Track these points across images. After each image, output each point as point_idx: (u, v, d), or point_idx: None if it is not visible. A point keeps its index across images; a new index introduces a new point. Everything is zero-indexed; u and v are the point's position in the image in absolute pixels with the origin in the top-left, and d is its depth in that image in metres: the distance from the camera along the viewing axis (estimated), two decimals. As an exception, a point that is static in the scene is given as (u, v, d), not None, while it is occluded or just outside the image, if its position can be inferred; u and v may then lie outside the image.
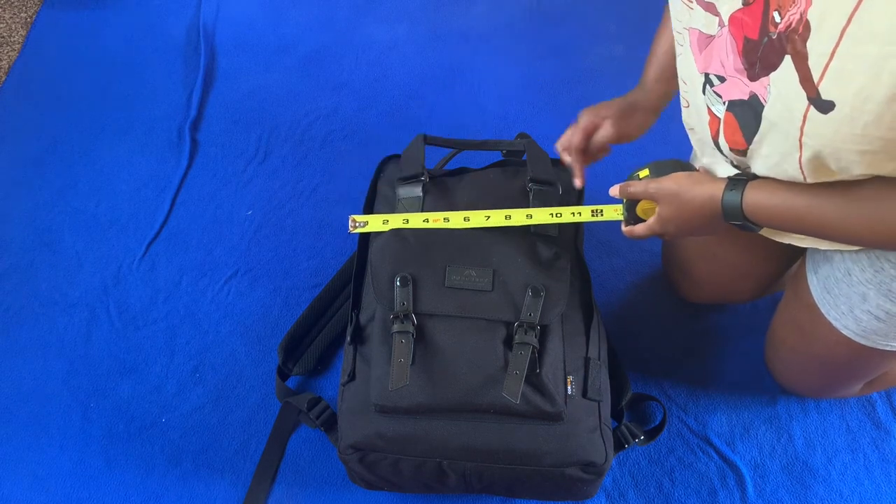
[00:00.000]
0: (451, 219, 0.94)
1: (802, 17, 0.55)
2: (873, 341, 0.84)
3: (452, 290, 0.88)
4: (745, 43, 0.63)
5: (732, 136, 0.72)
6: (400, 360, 0.83)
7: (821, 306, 0.87)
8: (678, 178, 0.79)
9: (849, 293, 0.82)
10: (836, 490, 1.02)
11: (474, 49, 1.57)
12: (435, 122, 1.44)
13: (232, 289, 1.22)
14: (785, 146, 0.64)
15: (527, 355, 0.84)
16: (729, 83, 0.68)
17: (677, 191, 0.78)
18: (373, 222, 0.96)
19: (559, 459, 0.83)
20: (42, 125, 1.45)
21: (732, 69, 0.66)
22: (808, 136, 0.60)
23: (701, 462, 1.04)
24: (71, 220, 1.31)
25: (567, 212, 0.94)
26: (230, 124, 1.45)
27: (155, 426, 1.08)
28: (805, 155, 0.62)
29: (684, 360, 1.14)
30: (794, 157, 0.64)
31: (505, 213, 0.93)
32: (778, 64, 0.59)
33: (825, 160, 0.61)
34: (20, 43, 1.60)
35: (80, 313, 1.20)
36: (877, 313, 0.80)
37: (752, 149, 0.70)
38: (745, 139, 0.70)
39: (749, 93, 0.65)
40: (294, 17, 1.64)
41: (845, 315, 0.84)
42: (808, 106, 0.57)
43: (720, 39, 0.67)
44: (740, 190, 0.73)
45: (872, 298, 0.80)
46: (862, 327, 0.83)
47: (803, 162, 0.64)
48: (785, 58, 0.58)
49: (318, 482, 1.03)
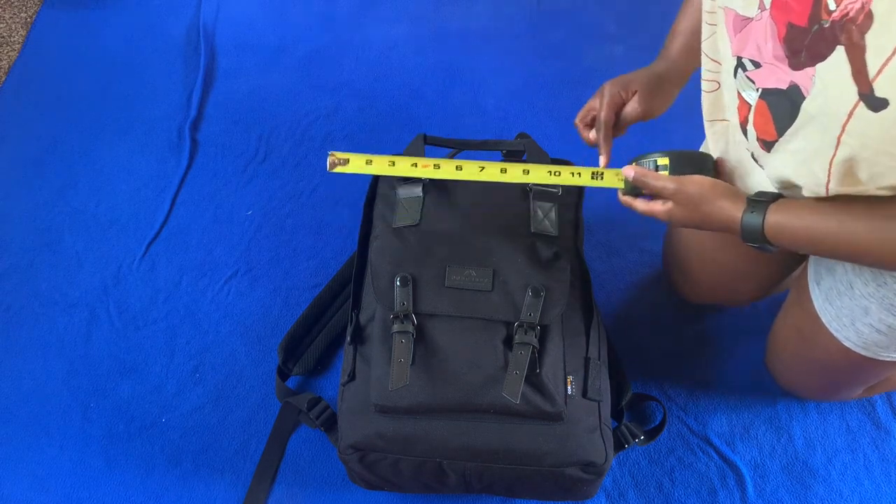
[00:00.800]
0: (441, 166, 0.88)
1: (865, 8, 0.51)
2: (874, 352, 0.84)
3: (452, 290, 0.88)
4: (789, 29, 0.59)
5: (763, 125, 0.68)
6: (400, 360, 0.83)
7: (822, 317, 0.87)
8: (702, 185, 0.75)
9: (851, 306, 0.82)
10: (836, 490, 1.02)
11: (474, 49, 1.57)
12: (435, 122, 1.44)
13: (232, 289, 1.22)
14: (820, 143, 0.61)
15: (527, 355, 0.84)
16: (765, 70, 0.64)
17: (699, 200, 0.75)
18: (354, 161, 0.89)
19: (559, 459, 0.83)
20: (42, 125, 1.45)
21: (771, 56, 0.62)
22: (849, 134, 0.57)
23: (701, 462, 1.04)
24: (71, 220, 1.31)
25: (566, 171, 0.88)
26: (230, 124, 1.45)
27: (155, 426, 1.08)
28: (840, 154, 0.59)
29: (684, 360, 1.14)
30: (826, 155, 0.61)
31: (500, 167, 0.88)
32: (827, 54, 0.56)
33: (859, 164, 0.59)
34: (20, 43, 1.60)
35: (80, 313, 1.20)
36: (878, 326, 0.80)
37: (782, 141, 0.66)
38: (776, 130, 0.66)
39: (789, 82, 0.61)
40: (294, 17, 1.64)
41: (847, 327, 0.84)
42: (858, 102, 0.54)
43: (759, 23, 0.63)
44: (761, 213, 0.70)
45: (874, 312, 0.79)
46: (863, 339, 0.83)
47: (835, 162, 0.60)
48: (837, 49, 0.54)
49: (318, 482, 1.03)
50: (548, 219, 0.97)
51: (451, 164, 0.88)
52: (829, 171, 0.62)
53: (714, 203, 0.74)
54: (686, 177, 0.77)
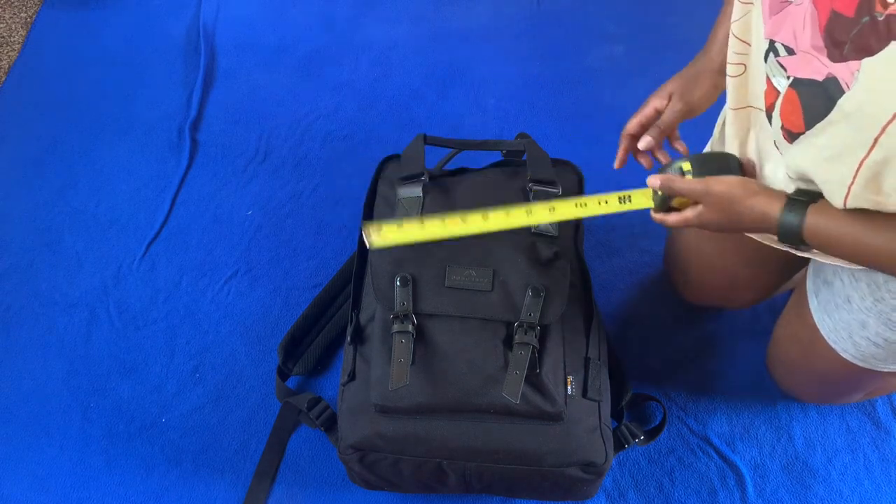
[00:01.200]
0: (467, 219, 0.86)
1: None
2: (872, 364, 0.84)
3: (452, 290, 0.88)
4: (833, 18, 0.56)
5: (790, 114, 0.65)
6: (400, 360, 0.83)
7: (820, 328, 0.87)
8: (731, 184, 0.73)
9: (848, 319, 0.82)
10: (837, 490, 1.02)
11: (474, 49, 1.57)
12: (435, 122, 1.44)
13: (232, 289, 1.22)
14: (852, 141, 0.58)
15: (527, 355, 0.84)
16: (799, 58, 0.61)
17: (730, 200, 0.72)
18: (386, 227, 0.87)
19: (559, 459, 0.83)
20: (42, 125, 1.45)
21: (808, 44, 0.59)
22: (889, 136, 0.54)
23: (701, 462, 1.04)
24: (71, 220, 1.31)
25: (592, 201, 0.85)
26: (230, 124, 1.45)
27: (155, 426, 1.08)
28: (874, 157, 0.56)
29: (684, 360, 1.14)
30: (857, 155, 0.58)
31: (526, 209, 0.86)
32: (878, 49, 0.52)
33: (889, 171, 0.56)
34: (20, 43, 1.60)
35: (80, 313, 1.20)
36: (875, 340, 0.80)
37: (809, 134, 0.63)
38: (804, 122, 0.63)
39: (826, 74, 0.58)
40: (294, 17, 1.64)
41: (844, 339, 0.84)
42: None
43: (799, 8, 0.59)
44: (801, 213, 0.68)
45: (872, 326, 0.79)
46: (860, 352, 0.83)
47: (866, 164, 0.58)
48: (891, 44, 0.51)
49: (318, 482, 1.03)
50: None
51: (478, 214, 0.86)
52: (856, 172, 0.59)
53: (745, 201, 0.72)
54: (713, 177, 0.74)
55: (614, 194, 0.84)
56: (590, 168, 1.09)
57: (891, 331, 0.78)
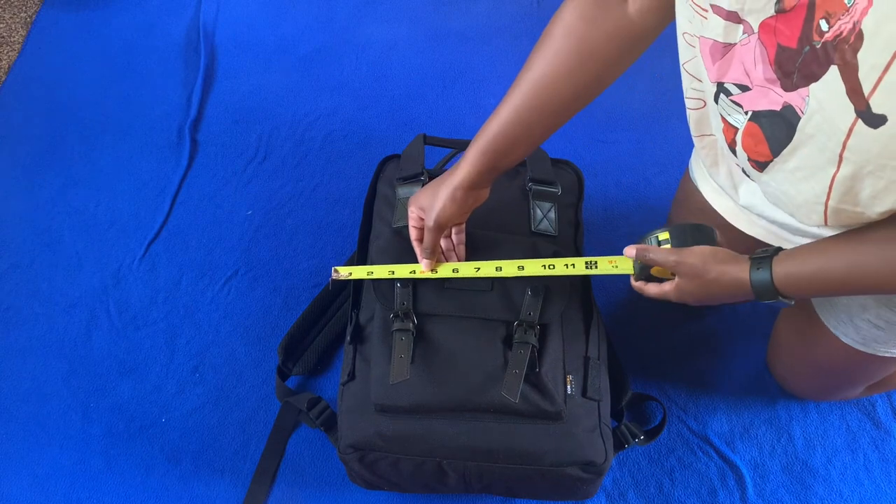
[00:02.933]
0: (439, 271, 0.88)
1: (856, 27, 0.51)
2: (873, 348, 0.84)
3: (452, 291, 0.88)
4: (780, 51, 0.58)
5: (755, 146, 0.67)
6: (400, 356, 0.84)
7: (820, 314, 0.87)
8: (702, 254, 0.74)
9: (848, 303, 0.82)
10: (837, 490, 1.02)
11: (474, 49, 1.57)
12: (435, 122, 1.44)
13: (232, 289, 1.22)
14: (820, 160, 0.60)
15: (526, 354, 0.84)
16: (755, 93, 0.64)
17: (701, 270, 0.74)
18: (356, 273, 0.92)
19: (559, 459, 0.83)
20: (42, 125, 1.45)
21: (762, 79, 0.62)
22: (851, 150, 0.56)
23: (701, 462, 1.04)
24: (71, 220, 1.31)
25: (560, 263, 0.87)
26: (230, 124, 1.45)
27: (155, 426, 1.08)
28: (843, 172, 0.58)
29: (684, 360, 1.14)
30: (827, 172, 0.60)
31: (495, 265, 0.88)
32: (821, 75, 0.55)
33: (862, 180, 0.58)
34: (20, 43, 1.60)
35: (80, 313, 1.20)
36: (876, 322, 0.80)
37: (778, 161, 0.65)
38: (770, 151, 0.65)
39: (782, 103, 0.61)
40: (294, 17, 1.64)
41: (845, 323, 0.84)
42: (856, 119, 0.54)
43: (745, 48, 0.62)
44: (767, 267, 0.69)
45: (872, 308, 0.79)
46: (861, 335, 0.83)
47: (838, 180, 0.60)
48: (831, 68, 0.54)
49: (318, 482, 1.03)
50: (547, 219, 0.97)
51: (448, 268, 0.88)
52: (829, 188, 0.61)
53: (716, 269, 0.73)
54: (686, 248, 0.76)
55: (582, 259, 0.87)
56: (590, 168, 1.09)
57: (891, 311, 0.78)
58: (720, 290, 0.74)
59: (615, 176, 1.33)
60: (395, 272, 0.89)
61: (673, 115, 1.41)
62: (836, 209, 0.64)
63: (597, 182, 1.31)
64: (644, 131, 1.39)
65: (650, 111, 1.43)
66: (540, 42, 0.77)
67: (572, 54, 0.74)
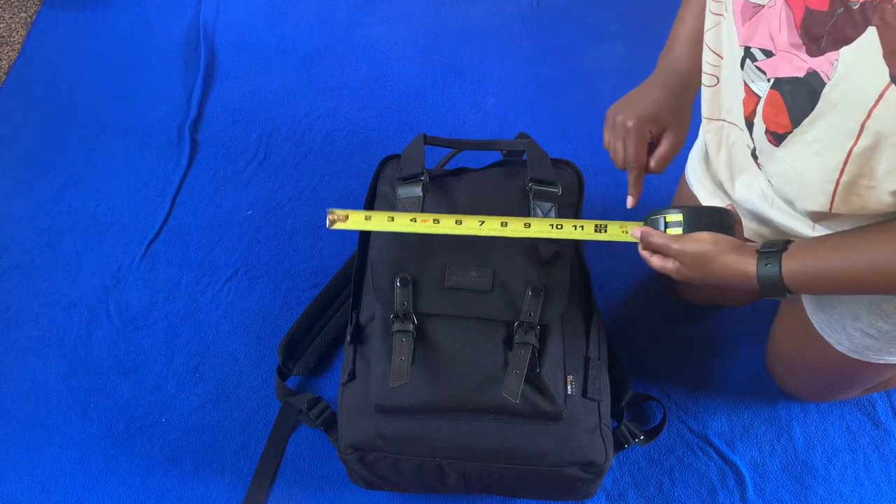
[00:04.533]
0: (441, 220, 0.87)
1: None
2: (866, 356, 0.84)
3: (452, 291, 0.88)
4: (807, 15, 0.56)
5: (775, 116, 0.64)
6: (400, 359, 0.84)
7: (814, 322, 0.87)
8: (703, 241, 0.72)
9: (841, 311, 0.82)
10: (837, 490, 1.02)
11: (474, 49, 1.57)
12: (435, 122, 1.44)
13: (232, 289, 1.22)
14: (839, 131, 0.57)
15: (527, 355, 0.84)
16: (779, 58, 0.61)
17: (704, 258, 0.72)
18: (353, 217, 0.89)
19: (559, 459, 0.83)
20: (42, 125, 1.45)
21: (786, 44, 0.59)
22: (876, 119, 0.53)
23: (701, 462, 1.04)
24: (71, 220, 1.31)
25: (568, 224, 0.86)
26: (230, 124, 1.45)
27: (155, 426, 1.08)
28: (862, 143, 0.56)
29: (684, 360, 1.14)
30: (844, 145, 0.58)
31: (501, 220, 0.87)
32: (854, 37, 0.53)
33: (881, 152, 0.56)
34: (20, 43, 1.60)
35: (80, 313, 1.20)
36: (868, 331, 0.80)
37: (798, 132, 0.62)
38: (791, 120, 0.62)
39: (807, 69, 0.58)
40: (294, 17, 1.64)
41: (838, 332, 0.84)
42: (889, 85, 0.51)
43: (772, 10, 0.60)
44: (776, 263, 0.68)
45: (864, 317, 0.79)
46: (854, 343, 0.83)
47: (854, 153, 0.57)
48: (867, 30, 0.52)
49: (318, 482, 1.03)
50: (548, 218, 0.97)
51: (451, 219, 0.87)
52: (844, 163, 0.59)
53: (719, 259, 0.71)
54: (688, 235, 0.74)
55: (591, 222, 0.85)
56: (590, 168, 1.09)
57: (883, 321, 0.78)
58: (723, 280, 0.72)
59: (615, 176, 1.33)
60: (394, 219, 0.88)
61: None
62: (847, 185, 0.61)
63: (597, 182, 1.31)
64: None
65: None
66: None
67: None
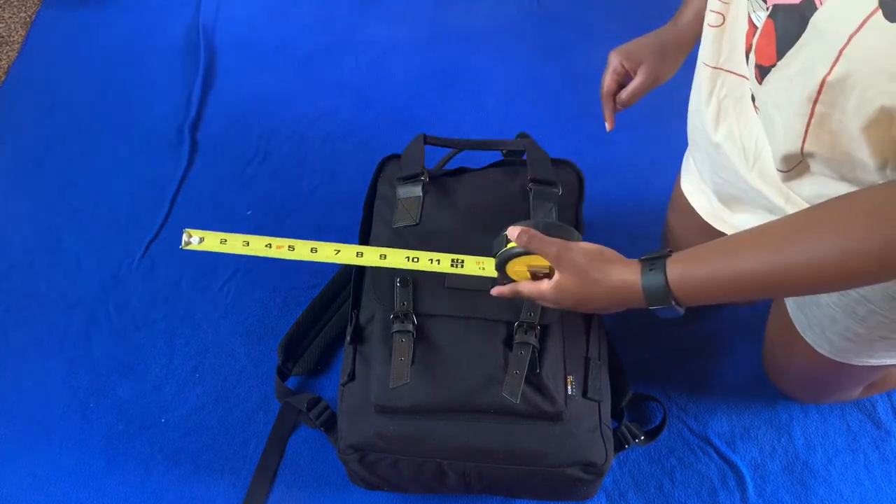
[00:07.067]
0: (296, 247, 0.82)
1: None
2: (847, 359, 0.84)
3: (452, 291, 0.88)
4: None
5: (765, 47, 0.61)
6: (400, 359, 0.84)
7: (797, 325, 0.87)
8: (588, 250, 0.69)
9: (819, 316, 0.82)
10: (837, 490, 1.02)
11: (474, 49, 1.57)
12: (435, 122, 1.44)
13: (232, 289, 1.22)
14: (817, 58, 0.54)
15: (527, 355, 0.84)
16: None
17: (585, 267, 0.68)
18: (209, 239, 0.85)
19: (559, 459, 0.83)
20: (42, 125, 1.45)
21: None
22: (854, 47, 0.51)
23: (701, 462, 1.04)
24: (71, 220, 1.31)
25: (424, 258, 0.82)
26: (230, 124, 1.45)
27: (155, 426, 1.08)
28: (836, 71, 0.53)
29: (684, 360, 1.14)
30: (819, 72, 0.54)
31: (380, 252, 0.83)
32: None
33: (853, 85, 0.53)
34: (20, 43, 1.59)
35: (79, 313, 1.20)
36: (846, 334, 0.80)
37: (781, 65, 0.59)
38: (776, 51, 0.59)
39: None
40: (294, 17, 1.64)
41: (819, 336, 0.84)
42: (876, 9, 0.49)
43: None
44: (661, 269, 0.64)
45: (841, 321, 0.79)
46: (835, 347, 0.83)
47: (828, 82, 0.54)
48: None
49: (318, 482, 1.03)
50: (548, 219, 0.97)
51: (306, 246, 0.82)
52: (818, 92, 0.56)
53: (602, 268, 0.67)
54: (571, 241, 0.70)
55: (447, 256, 0.82)
56: (590, 168, 1.09)
57: (858, 324, 0.77)
58: (603, 293, 0.68)
59: (615, 176, 1.33)
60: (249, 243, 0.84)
61: (673, 115, 1.40)
62: (820, 119, 0.59)
63: (597, 182, 1.31)
64: (644, 131, 1.39)
65: (650, 111, 1.43)
66: None
67: None
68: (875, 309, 0.74)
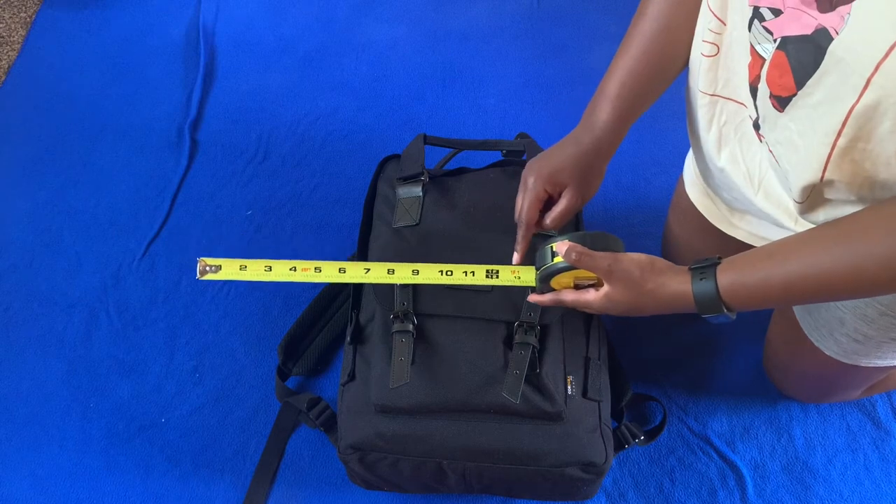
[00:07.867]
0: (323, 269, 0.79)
1: None
2: (855, 360, 0.84)
3: (452, 291, 0.88)
4: None
5: (779, 79, 0.61)
6: (400, 359, 0.83)
7: (804, 327, 0.87)
8: (640, 262, 0.69)
9: (827, 317, 0.82)
10: (837, 490, 1.02)
11: (474, 49, 1.57)
12: (435, 122, 1.44)
13: (232, 289, 1.22)
14: (841, 89, 0.54)
15: (527, 355, 0.84)
16: (787, 16, 0.58)
17: (638, 279, 0.68)
18: (227, 267, 0.80)
19: (559, 459, 0.83)
20: (42, 125, 1.45)
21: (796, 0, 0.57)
22: (883, 74, 0.50)
23: (701, 462, 1.04)
24: (71, 220, 1.31)
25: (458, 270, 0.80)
26: (230, 124, 1.45)
27: (155, 426, 1.08)
28: (864, 101, 0.53)
29: (684, 360, 1.14)
30: (845, 104, 0.54)
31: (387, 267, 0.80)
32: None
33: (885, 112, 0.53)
34: (20, 43, 1.59)
35: (79, 313, 1.20)
36: (855, 336, 0.80)
37: (802, 94, 0.59)
38: (795, 82, 0.59)
39: (815, 27, 0.55)
40: (294, 17, 1.64)
41: (826, 337, 0.84)
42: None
43: None
44: (711, 276, 0.64)
45: (849, 322, 0.79)
46: (843, 349, 0.83)
47: (855, 111, 0.54)
48: None
49: (318, 482, 1.03)
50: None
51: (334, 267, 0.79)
52: (843, 124, 0.56)
53: (655, 280, 0.68)
54: (620, 253, 0.70)
55: (482, 267, 0.80)
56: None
57: (867, 326, 0.77)
58: (655, 303, 0.69)
59: (615, 176, 1.33)
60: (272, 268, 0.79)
61: (673, 115, 1.41)
62: (843, 150, 0.58)
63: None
64: (644, 131, 1.39)
65: (650, 111, 1.43)
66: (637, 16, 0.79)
67: None
68: (885, 311, 0.74)
